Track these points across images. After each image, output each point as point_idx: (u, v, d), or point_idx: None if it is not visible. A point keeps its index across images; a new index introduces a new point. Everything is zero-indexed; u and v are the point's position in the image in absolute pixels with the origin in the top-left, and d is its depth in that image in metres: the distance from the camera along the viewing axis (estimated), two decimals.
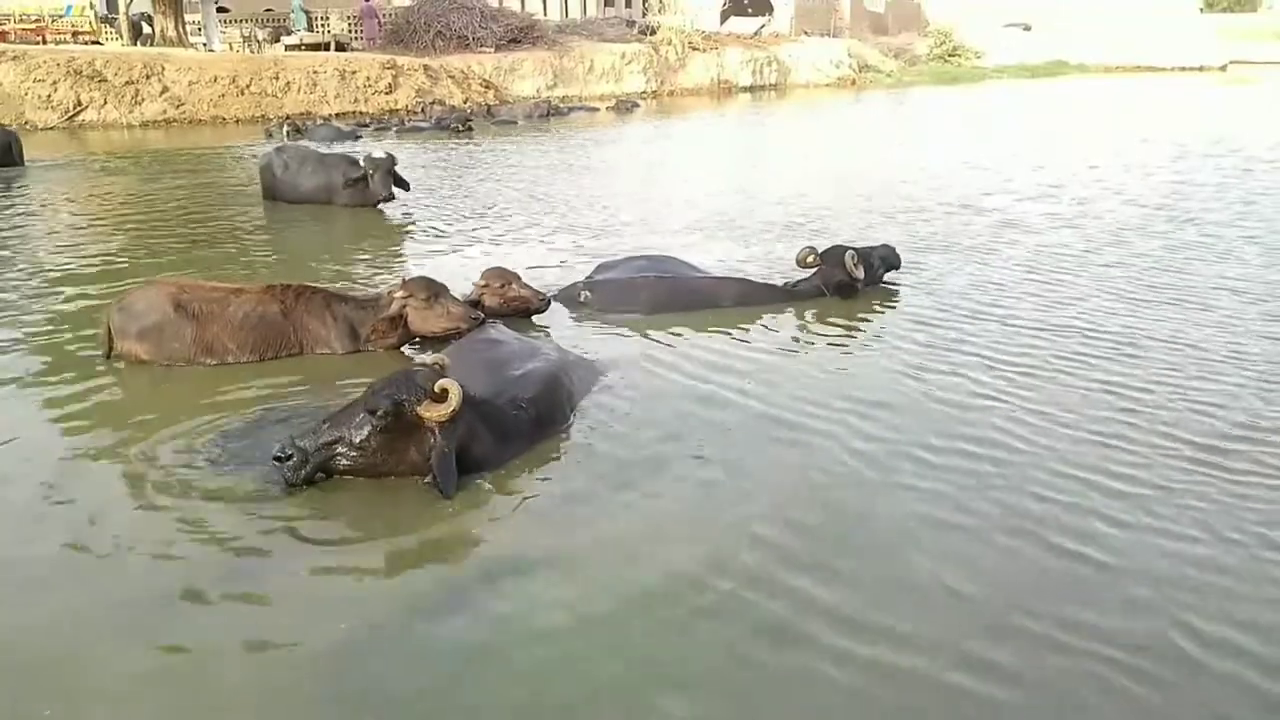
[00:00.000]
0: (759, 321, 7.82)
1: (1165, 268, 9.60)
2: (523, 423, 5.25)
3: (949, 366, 6.58)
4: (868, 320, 7.88)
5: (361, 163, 12.86)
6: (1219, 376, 6.41)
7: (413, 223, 12.25)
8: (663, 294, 8.15)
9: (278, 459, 4.68)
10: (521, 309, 7.57)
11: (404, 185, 13.01)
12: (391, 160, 12.88)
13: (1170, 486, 4.82)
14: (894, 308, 8.24)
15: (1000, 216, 12.32)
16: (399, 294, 6.77)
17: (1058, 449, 5.25)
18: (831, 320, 7.86)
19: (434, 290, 6.79)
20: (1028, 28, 59.77)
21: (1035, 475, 4.93)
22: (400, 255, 10.50)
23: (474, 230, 11.69)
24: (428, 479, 4.73)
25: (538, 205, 13.42)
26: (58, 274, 9.29)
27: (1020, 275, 9.27)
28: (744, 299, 8.25)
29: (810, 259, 8.45)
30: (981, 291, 8.67)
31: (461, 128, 23.92)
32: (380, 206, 12.87)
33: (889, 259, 8.94)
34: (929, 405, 5.90)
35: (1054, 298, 8.44)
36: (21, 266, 9.60)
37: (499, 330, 6.52)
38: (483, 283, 7.57)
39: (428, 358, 5.32)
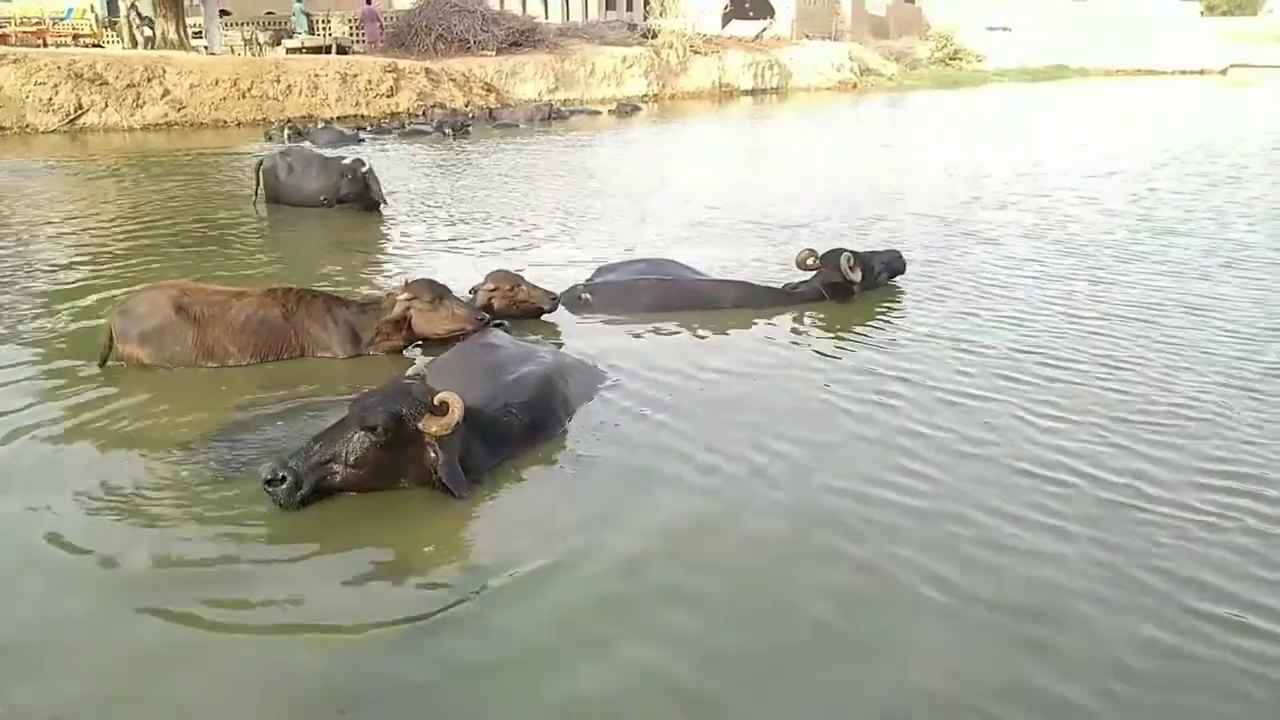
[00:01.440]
0: (753, 326, 7.83)
1: (1119, 283, 9.19)
2: (514, 429, 5.23)
3: (877, 394, 6.27)
4: (845, 333, 7.78)
5: (361, 173, 12.74)
6: (1153, 407, 5.99)
7: (415, 226, 12.27)
8: (662, 296, 8.18)
9: (269, 482, 4.51)
10: (532, 310, 7.62)
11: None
12: (370, 169, 12.82)
13: (1077, 523, 4.55)
14: (878, 317, 8.18)
15: (965, 226, 12.03)
16: (403, 296, 6.79)
17: (976, 482, 5.00)
18: (808, 331, 7.84)
19: (438, 292, 6.81)
20: (1008, 29, 60.29)
21: (950, 509, 4.69)
22: (402, 258, 10.50)
23: (475, 233, 11.69)
24: (437, 487, 4.70)
25: (539, 208, 13.44)
26: (54, 279, 9.32)
27: (969, 291, 8.88)
28: (743, 302, 8.27)
29: (810, 261, 8.48)
30: (929, 304, 8.46)
31: (457, 132, 23.94)
32: (383, 209, 12.87)
33: (892, 263, 8.96)
34: (854, 435, 5.65)
35: (998, 316, 8.10)
36: (16, 271, 9.62)
37: (495, 335, 6.53)
38: (491, 285, 7.60)
39: (418, 363, 5.29)
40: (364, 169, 12.81)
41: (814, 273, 8.46)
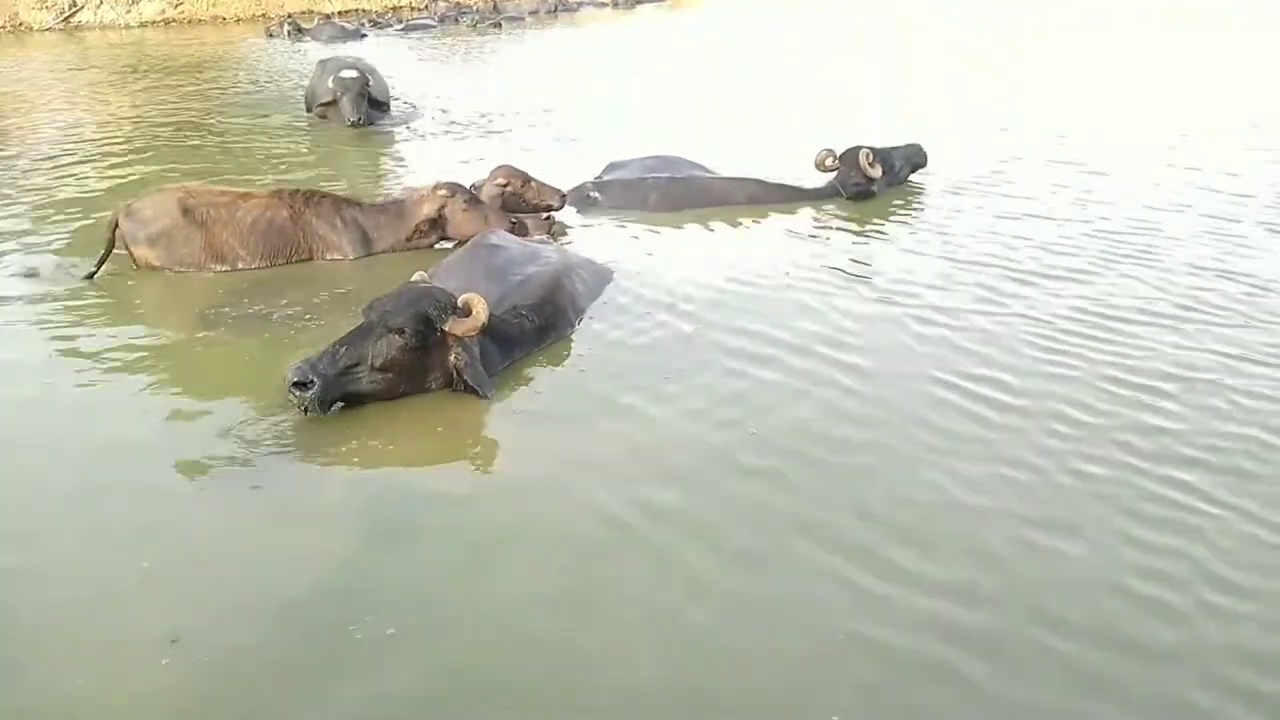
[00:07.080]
0: (764, 224, 7.70)
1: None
2: (525, 330, 5.20)
3: (879, 297, 6.13)
4: (858, 232, 7.63)
5: (330, 84, 11.81)
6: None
7: (419, 122, 12.08)
8: (672, 194, 8.06)
9: (299, 385, 4.37)
10: (540, 208, 7.46)
11: (382, 107, 12.10)
12: (363, 81, 11.81)
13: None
14: (892, 216, 8.01)
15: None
16: (441, 192, 6.80)
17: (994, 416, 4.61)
18: (820, 231, 7.66)
19: (471, 194, 6.94)
20: None
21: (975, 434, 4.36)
22: (408, 156, 10.38)
23: (481, 130, 11.54)
24: (459, 388, 4.69)
25: (546, 104, 13.19)
26: (56, 180, 9.21)
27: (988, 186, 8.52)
28: (755, 199, 8.14)
29: (829, 161, 8.30)
30: (949, 200, 8.19)
31: (492, 27, 23.40)
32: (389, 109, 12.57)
33: (914, 158, 8.71)
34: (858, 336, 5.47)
35: (1020, 211, 7.79)
36: (17, 173, 9.52)
37: (500, 235, 6.43)
38: (502, 181, 7.46)
39: (419, 274, 5.20)
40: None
41: (833, 173, 8.31)
